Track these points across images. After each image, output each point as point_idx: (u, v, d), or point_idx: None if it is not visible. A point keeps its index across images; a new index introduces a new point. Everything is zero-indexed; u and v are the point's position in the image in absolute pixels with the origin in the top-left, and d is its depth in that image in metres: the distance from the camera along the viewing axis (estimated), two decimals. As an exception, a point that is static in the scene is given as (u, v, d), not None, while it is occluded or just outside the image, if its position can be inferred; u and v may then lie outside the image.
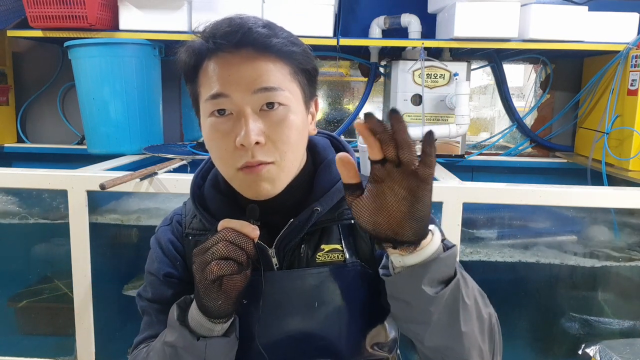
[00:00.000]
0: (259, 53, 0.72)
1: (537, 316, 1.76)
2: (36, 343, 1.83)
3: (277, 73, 0.73)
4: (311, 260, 0.81)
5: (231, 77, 0.72)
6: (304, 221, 0.80)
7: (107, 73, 1.91)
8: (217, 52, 0.73)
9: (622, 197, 1.46)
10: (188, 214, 0.89)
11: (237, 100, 0.72)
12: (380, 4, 2.18)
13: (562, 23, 1.83)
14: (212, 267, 0.69)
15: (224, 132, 0.73)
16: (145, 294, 0.89)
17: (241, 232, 0.71)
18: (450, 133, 1.90)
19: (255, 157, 0.72)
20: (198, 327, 0.74)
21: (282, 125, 0.73)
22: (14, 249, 1.83)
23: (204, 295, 0.71)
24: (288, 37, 0.75)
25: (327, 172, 0.83)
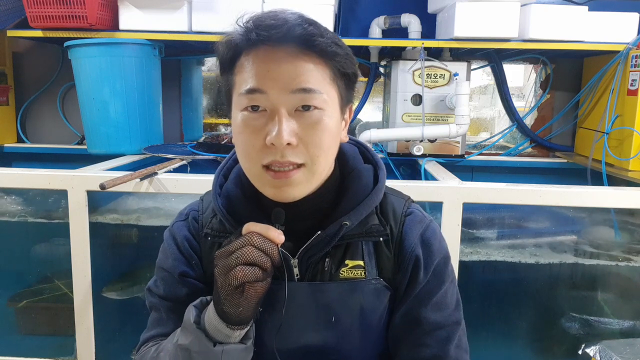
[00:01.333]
0: (301, 51, 0.70)
1: (537, 316, 1.75)
2: (36, 343, 1.83)
3: (317, 74, 0.71)
4: (334, 275, 0.79)
5: (270, 73, 0.69)
6: (332, 235, 0.77)
7: (107, 73, 1.91)
8: (257, 45, 0.70)
9: (622, 197, 1.46)
10: (206, 211, 0.86)
11: (273, 97, 0.70)
12: (380, 4, 2.18)
13: (562, 23, 1.83)
14: (237, 273, 0.67)
15: (255, 128, 0.71)
16: (156, 290, 0.86)
17: (266, 236, 0.69)
18: (450, 133, 1.90)
19: (285, 157, 0.70)
20: (215, 332, 0.71)
21: (316, 128, 0.71)
22: (14, 249, 1.82)
23: (225, 300, 0.69)
24: (333, 37, 0.72)
25: (357, 183, 0.81)
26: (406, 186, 1.48)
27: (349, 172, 0.82)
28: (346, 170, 0.83)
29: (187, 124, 2.40)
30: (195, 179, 1.52)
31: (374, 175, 0.84)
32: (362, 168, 0.83)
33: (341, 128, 0.78)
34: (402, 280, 0.81)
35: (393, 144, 2.03)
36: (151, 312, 0.88)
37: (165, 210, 1.73)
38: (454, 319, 0.82)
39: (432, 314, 0.80)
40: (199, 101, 2.42)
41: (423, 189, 1.48)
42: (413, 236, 0.81)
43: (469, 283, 1.59)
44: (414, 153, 2.00)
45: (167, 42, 2.00)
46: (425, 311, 0.80)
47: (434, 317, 0.80)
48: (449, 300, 0.83)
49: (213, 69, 2.42)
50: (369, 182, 0.82)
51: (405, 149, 2.02)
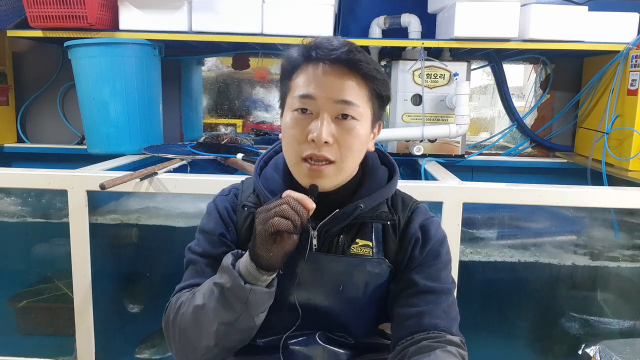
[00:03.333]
0: (349, 71, 0.86)
1: (537, 316, 1.76)
2: (36, 343, 1.83)
3: (357, 91, 0.87)
4: (346, 250, 0.95)
5: (321, 84, 0.86)
6: (348, 213, 0.93)
7: (107, 73, 1.91)
8: (314, 62, 0.87)
9: (622, 197, 1.46)
10: (245, 190, 1.02)
11: (321, 104, 0.86)
12: (380, 4, 2.18)
13: (562, 23, 1.83)
14: (274, 221, 0.81)
15: (301, 125, 0.87)
16: (196, 249, 0.99)
17: (301, 202, 0.83)
18: (450, 133, 1.90)
19: (321, 152, 0.86)
20: (247, 274, 0.85)
21: (350, 133, 0.87)
22: (14, 249, 1.82)
23: (260, 245, 0.83)
24: (374, 65, 0.89)
25: (373, 177, 0.97)
26: (406, 186, 1.48)
27: (368, 170, 0.98)
28: (366, 168, 0.98)
29: (187, 124, 2.40)
30: (195, 179, 1.52)
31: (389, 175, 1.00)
32: (379, 168, 1.00)
33: (370, 139, 0.94)
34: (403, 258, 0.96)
35: (393, 144, 2.03)
36: (187, 268, 1.00)
37: (166, 210, 1.73)
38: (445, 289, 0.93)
39: (424, 280, 0.93)
40: (199, 101, 2.42)
41: (423, 189, 1.48)
42: (415, 223, 0.97)
43: (469, 283, 1.59)
44: (414, 153, 2.00)
45: (167, 42, 2.00)
46: (418, 277, 0.93)
47: (425, 282, 0.92)
48: (443, 277, 0.95)
49: (213, 69, 2.42)
50: (383, 179, 0.98)
51: (405, 149, 2.02)
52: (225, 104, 2.43)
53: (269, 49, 2.22)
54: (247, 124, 2.43)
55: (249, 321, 0.87)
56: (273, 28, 1.89)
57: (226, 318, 0.86)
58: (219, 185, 1.48)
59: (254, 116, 2.43)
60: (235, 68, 2.39)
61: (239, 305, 0.85)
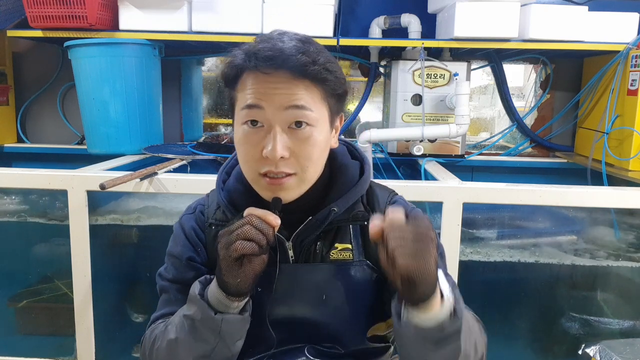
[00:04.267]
0: (295, 77, 0.78)
1: (537, 316, 1.76)
2: (36, 343, 1.83)
3: (308, 95, 0.80)
4: (325, 257, 0.90)
5: (267, 92, 0.79)
6: (322, 219, 0.87)
7: (107, 73, 1.91)
8: (255, 71, 0.79)
9: (622, 197, 1.46)
10: (211, 205, 0.96)
11: (270, 113, 0.79)
12: (380, 4, 2.18)
13: (562, 23, 1.83)
14: (237, 246, 0.75)
15: (253, 141, 0.81)
16: (166, 275, 0.94)
17: (264, 219, 0.77)
18: (450, 133, 1.90)
19: (279, 168, 0.80)
20: (216, 303, 0.79)
21: (306, 143, 0.80)
22: (14, 249, 1.82)
23: (225, 271, 0.77)
24: (324, 63, 0.80)
25: (344, 175, 0.91)
26: (406, 186, 1.48)
27: (337, 168, 0.92)
28: (335, 166, 0.92)
29: (187, 124, 2.40)
30: (195, 179, 1.52)
31: (360, 169, 0.94)
32: (349, 163, 0.93)
33: (330, 137, 0.87)
34: None
35: (393, 144, 2.03)
36: (161, 295, 0.96)
37: (165, 210, 1.73)
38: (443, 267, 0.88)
39: None
40: (199, 101, 2.42)
41: (423, 189, 1.48)
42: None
43: (469, 283, 1.59)
44: (414, 153, 2.00)
45: (167, 42, 2.00)
46: None
47: None
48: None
49: (213, 69, 2.42)
50: (355, 174, 0.92)
51: (405, 149, 2.02)
52: (225, 104, 2.43)
53: (269, 49, 2.21)
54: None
55: (226, 351, 0.82)
56: (273, 28, 1.87)
57: (201, 351, 0.81)
58: (219, 185, 1.49)
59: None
60: (235, 68, 2.39)
61: (212, 337, 0.80)
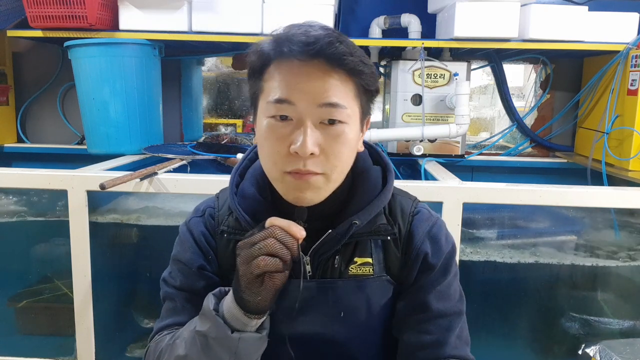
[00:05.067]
0: (331, 68, 0.73)
1: (537, 316, 1.75)
2: (36, 343, 1.83)
3: (343, 90, 0.74)
4: (344, 272, 0.84)
5: (299, 86, 0.73)
6: (342, 233, 0.81)
7: (107, 73, 1.91)
8: (289, 58, 0.73)
9: (622, 197, 1.46)
10: (222, 208, 0.89)
11: (302, 109, 0.73)
12: (380, 4, 2.18)
13: (562, 23, 1.83)
14: (259, 262, 0.70)
15: (280, 135, 0.74)
16: (172, 281, 0.88)
17: (288, 231, 0.72)
18: (450, 133, 1.90)
19: (307, 166, 0.74)
20: (233, 320, 0.74)
21: (338, 141, 0.75)
22: (14, 249, 1.82)
23: (245, 288, 0.72)
24: (360, 56, 0.75)
25: (366, 183, 0.85)
26: (406, 186, 1.47)
27: (359, 173, 0.85)
28: (356, 171, 0.85)
29: (187, 124, 2.40)
30: (195, 179, 1.52)
31: (383, 177, 0.88)
32: (371, 169, 0.87)
33: (360, 138, 0.82)
34: (409, 275, 0.85)
35: (393, 144, 2.03)
36: (164, 302, 0.90)
37: (165, 211, 1.73)
38: (456, 310, 0.86)
39: (436, 302, 0.84)
40: (199, 101, 2.42)
41: (423, 189, 1.48)
42: (420, 234, 0.86)
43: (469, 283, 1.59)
44: (414, 153, 2.00)
45: (167, 42, 2.00)
46: (429, 299, 0.84)
47: (437, 305, 0.84)
48: (452, 292, 0.86)
49: (213, 69, 2.42)
50: (377, 183, 0.86)
51: (405, 149, 2.02)
52: (225, 104, 2.43)
53: (269, 49, 2.21)
54: (247, 124, 2.43)
55: None
56: (273, 28, 1.86)
57: None
58: (218, 185, 1.48)
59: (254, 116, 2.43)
60: (235, 68, 2.39)
61: (227, 356, 0.74)
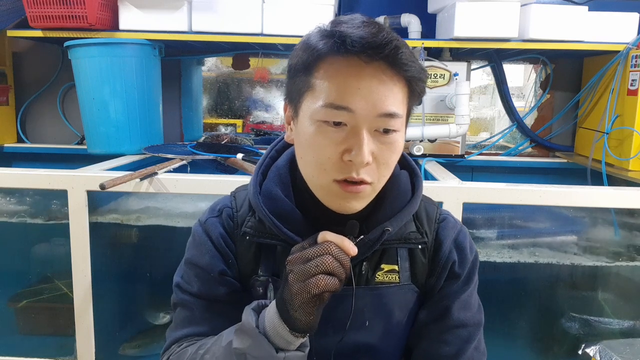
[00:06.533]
0: (394, 73, 0.68)
1: (537, 316, 1.75)
2: (36, 343, 1.83)
3: (400, 97, 0.70)
4: (371, 280, 0.81)
5: (361, 91, 0.67)
6: (374, 240, 0.77)
7: (107, 73, 1.91)
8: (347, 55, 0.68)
9: (622, 197, 1.46)
10: (241, 209, 0.84)
11: (360, 117, 0.68)
12: (380, 4, 2.18)
13: (562, 23, 1.83)
14: (319, 281, 0.65)
15: (333, 141, 0.70)
16: (189, 288, 0.83)
17: (341, 247, 0.68)
18: (450, 133, 1.90)
19: (360, 175, 0.70)
20: (277, 338, 0.69)
21: (391, 149, 0.72)
22: (14, 249, 1.82)
23: (299, 308, 0.67)
24: (418, 62, 0.72)
25: (396, 189, 0.81)
26: (406, 186, 1.47)
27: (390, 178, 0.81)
28: None
29: (187, 124, 2.40)
30: (195, 179, 1.52)
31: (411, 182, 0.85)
32: (399, 174, 0.84)
33: None
34: (436, 284, 0.84)
35: (393, 144, 2.03)
36: (177, 308, 0.85)
37: (165, 211, 1.73)
38: (476, 321, 0.85)
39: (457, 312, 0.83)
40: (199, 101, 2.42)
41: (423, 189, 1.47)
42: (447, 242, 0.84)
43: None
44: (414, 153, 2.00)
45: (167, 42, 2.00)
46: (452, 308, 0.83)
47: (459, 315, 0.83)
48: (473, 301, 0.86)
49: (213, 69, 2.42)
50: (407, 188, 0.84)
51: (405, 149, 2.02)
52: (225, 104, 2.43)
53: (269, 49, 2.21)
54: (247, 124, 2.43)
55: None
56: (273, 28, 1.89)
57: None
58: (218, 185, 1.49)
59: (254, 116, 2.43)
60: (235, 68, 2.39)
61: None
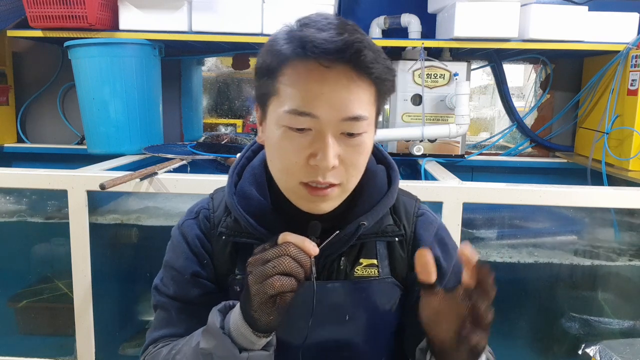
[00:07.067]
0: (357, 76, 0.68)
1: (537, 316, 1.75)
2: (36, 343, 1.83)
3: (366, 99, 0.70)
4: (350, 274, 0.81)
5: (324, 96, 0.67)
6: (350, 235, 0.78)
7: (107, 73, 1.90)
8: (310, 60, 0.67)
9: (622, 197, 1.46)
10: (217, 209, 0.85)
11: (324, 122, 0.68)
12: (380, 4, 2.18)
13: (562, 23, 1.83)
14: (274, 282, 0.66)
15: (298, 146, 0.70)
16: (165, 290, 0.85)
17: (302, 248, 0.68)
18: (450, 133, 1.90)
19: (326, 178, 0.70)
20: (240, 338, 0.70)
21: (357, 151, 0.72)
22: (14, 249, 1.82)
23: (258, 308, 0.68)
24: (384, 60, 0.70)
25: (372, 184, 0.82)
26: (406, 186, 1.46)
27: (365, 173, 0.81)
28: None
29: (187, 124, 2.40)
30: (195, 179, 1.52)
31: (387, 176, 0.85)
32: (376, 169, 0.84)
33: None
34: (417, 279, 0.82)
35: (393, 144, 2.03)
36: (157, 310, 0.87)
37: (165, 211, 1.73)
38: None
39: None
40: (199, 101, 2.42)
41: (423, 189, 1.48)
42: (427, 237, 0.85)
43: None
44: (414, 153, 2.00)
45: (167, 42, 2.00)
46: None
47: None
48: None
49: (213, 69, 2.42)
50: (383, 182, 0.84)
51: (405, 149, 2.02)
52: (225, 104, 2.43)
53: (269, 49, 2.21)
54: (247, 124, 2.43)
55: None
56: (273, 28, 1.87)
57: None
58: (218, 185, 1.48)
59: (254, 116, 2.43)
60: (235, 68, 2.39)
61: None
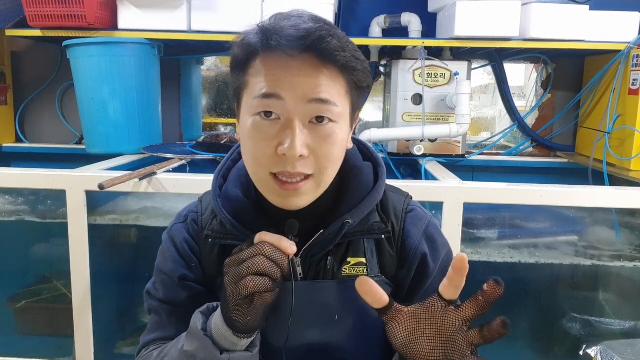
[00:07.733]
0: (322, 64, 0.69)
1: (538, 317, 1.75)
2: (35, 344, 1.83)
3: (334, 87, 0.70)
4: (337, 274, 0.80)
5: (288, 80, 0.68)
6: (334, 233, 0.77)
7: (106, 72, 1.90)
8: (276, 51, 0.68)
9: (623, 197, 1.46)
10: (205, 212, 0.86)
11: (290, 105, 0.69)
12: (381, 3, 2.17)
13: (563, 22, 1.83)
14: (247, 282, 0.66)
15: (267, 135, 0.70)
16: (156, 294, 0.85)
17: (278, 247, 0.68)
18: (450, 133, 1.89)
19: (296, 168, 0.70)
20: (222, 340, 0.71)
21: (328, 141, 0.71)
22: (13, 249, 1.82)
23: (233, 309, 0.68)
24: (352, 51, 0.72)
25: (357, 180, 0.81)
26: (406, 186, 1.47)
27: (349, 169, 0.82)
28: (346, 168, 0.82)
29: (186, 123, 2.40)
30: (195, 179, 1.51)
31: (374, 173, 0.84)
32: (362, 166, 0.83)
33: (349, 137, 0.78)
34: (406, 276, 0.82)
35: (393, 144, 2.03)
36: (150, 314, 0.88)
37: (165, 211, 1.72)
38: None
39: None
40: (198, 101, 2.42)
41: (423, 189, 1.47)
42: (416, 233, 0.83)
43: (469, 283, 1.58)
44: (415, 153, 1.99)
45: (167, 41, 1.99)
46: None
47: None
48: None
49: (212, 68, 2.42)
50: (369, 179, 0.83)
51: (405, 149, 2.02)
52: (224, 104, 2.42)
53: (268, 48, 2.21)
54: (247, 123, 2.43)
55: None
56: (273, 27, 1.88)
57: None
58: (218, 185, 1.49)
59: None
60: (234, 67, 2.38)
61: None
